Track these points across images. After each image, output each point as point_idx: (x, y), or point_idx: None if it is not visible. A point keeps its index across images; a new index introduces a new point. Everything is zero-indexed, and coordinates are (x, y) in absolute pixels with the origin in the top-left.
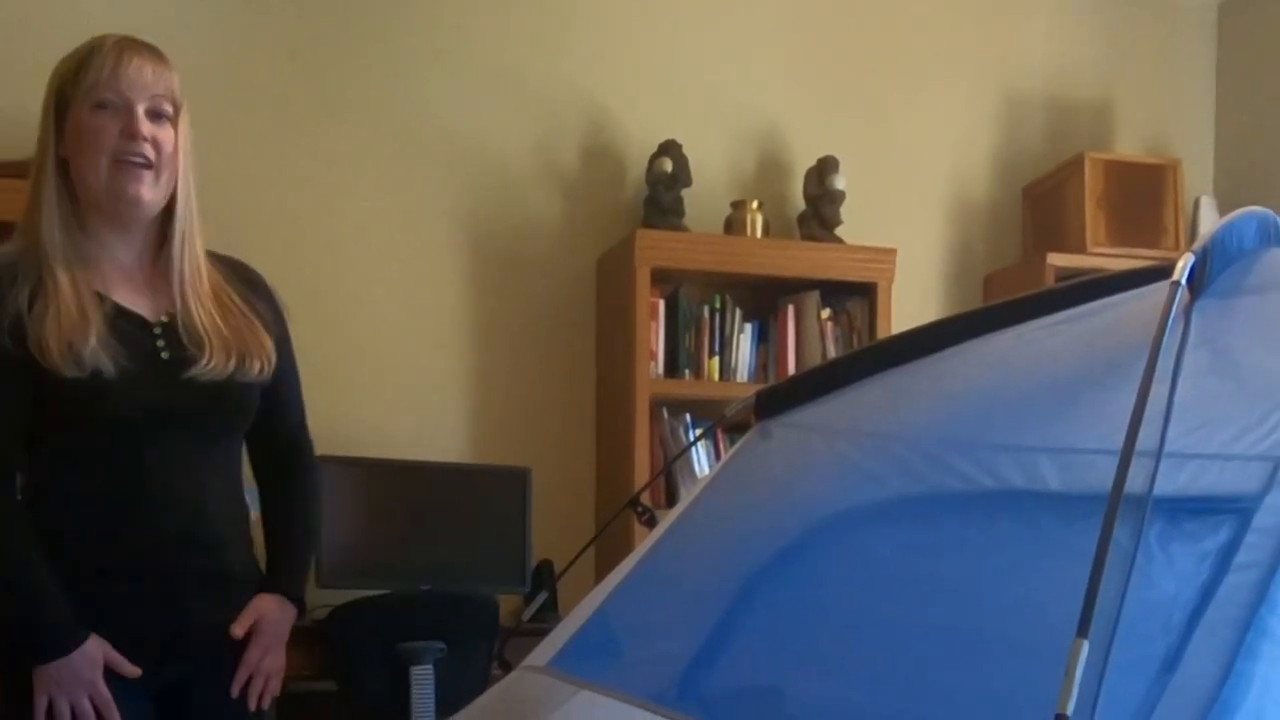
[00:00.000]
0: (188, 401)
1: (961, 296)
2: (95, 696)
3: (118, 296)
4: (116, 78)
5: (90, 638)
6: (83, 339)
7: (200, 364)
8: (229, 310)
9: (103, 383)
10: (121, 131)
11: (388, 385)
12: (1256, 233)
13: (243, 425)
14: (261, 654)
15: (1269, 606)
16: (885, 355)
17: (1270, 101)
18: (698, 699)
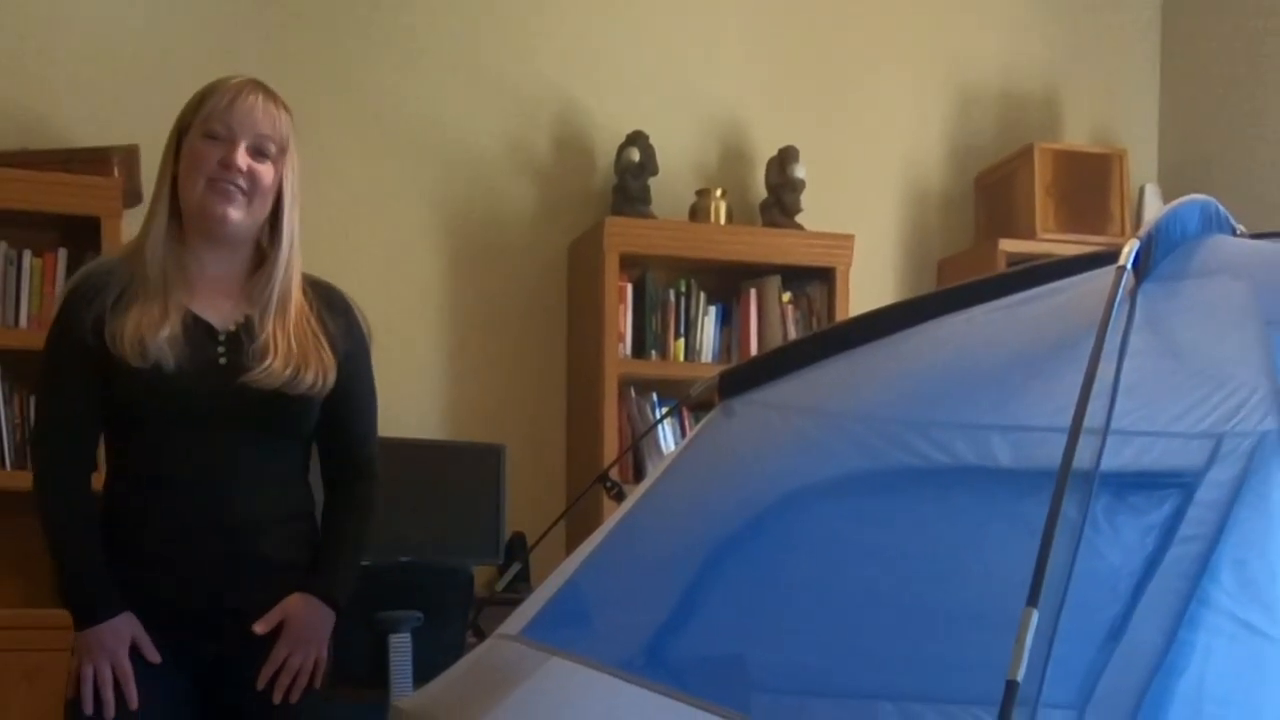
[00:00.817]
0: (238, 403)
1: (916, 281)
2: (117, 667)
3: (197, 306)
4: (229, 113)
5: (123, 614)
6: (153, 335)
7: (257, 370)
8: (301, 327)
9: (161, 375)
10: (221, 160)
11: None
12: (1199, 219)
13: (295, 430)
14: (288, 650)
15: (1211, 577)
16: (843, 337)
17: (1212, 93)
18: (664, 666)
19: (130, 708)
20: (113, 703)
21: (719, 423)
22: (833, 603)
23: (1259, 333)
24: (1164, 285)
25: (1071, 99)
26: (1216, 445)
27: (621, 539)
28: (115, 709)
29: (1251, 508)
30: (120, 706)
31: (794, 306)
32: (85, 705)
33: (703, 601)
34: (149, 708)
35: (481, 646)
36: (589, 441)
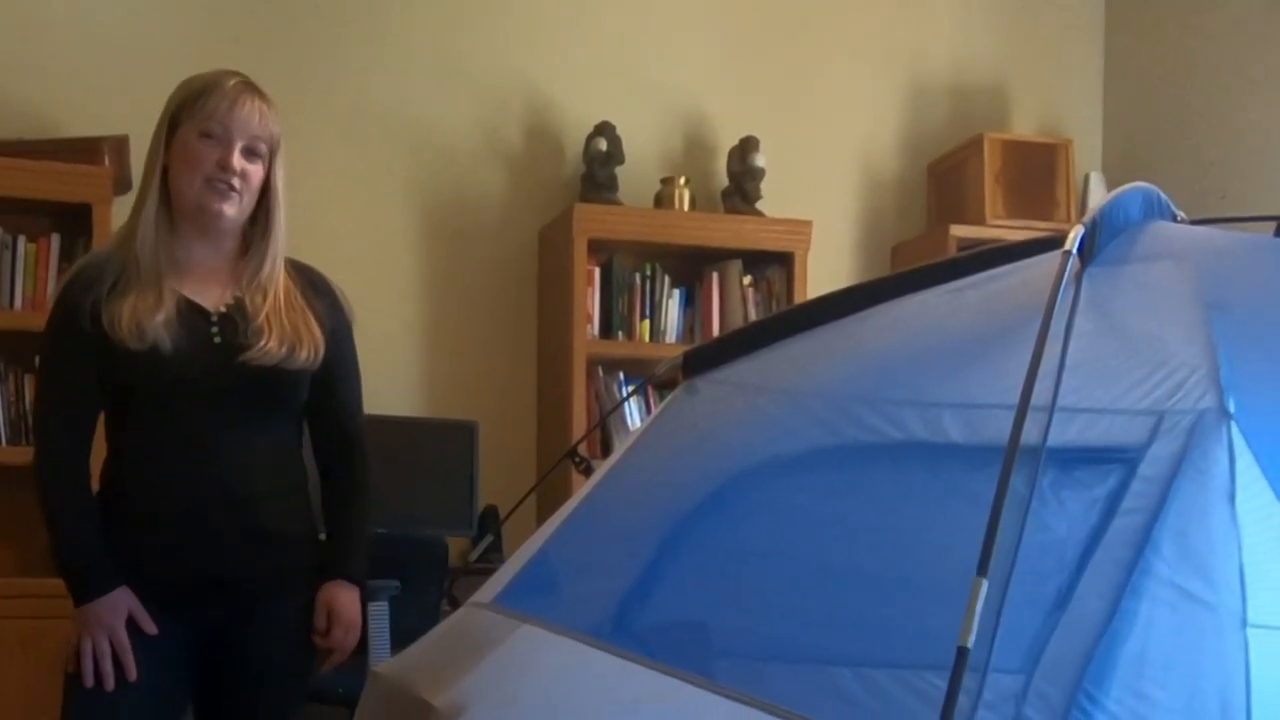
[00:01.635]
0: (235, 380)
1: (871, 265)
2: (114, 640)
3: (189, 291)
4: (228, 116)
5: (119, 589)
6: (149, 318)
7: (255, 348)
8: (291, 306)
9: (159, 356)
10: (218, 161)
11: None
12: (1141, 206)
13: (289, 405)
14: (344, 634)
15: (1153, 548)
16: (801, 319)
17: (1154, 85)
18: (630, 632)
19: (129, 678)
20: (112, 675)
21: (683, 400)
22: (791, 572)
23: (1199, 315)
24: (1108, 269)
25: (1019, 91)
26: (1158, 422)
27: (589, 511)
28: (114, 680)
29: (1191, 481)
30: (119, 677)
31: (754, 289)
32: (85, 678)
33: (667, 571)
34: (148, 678)
35: (456, 614)
36: (558, 418)
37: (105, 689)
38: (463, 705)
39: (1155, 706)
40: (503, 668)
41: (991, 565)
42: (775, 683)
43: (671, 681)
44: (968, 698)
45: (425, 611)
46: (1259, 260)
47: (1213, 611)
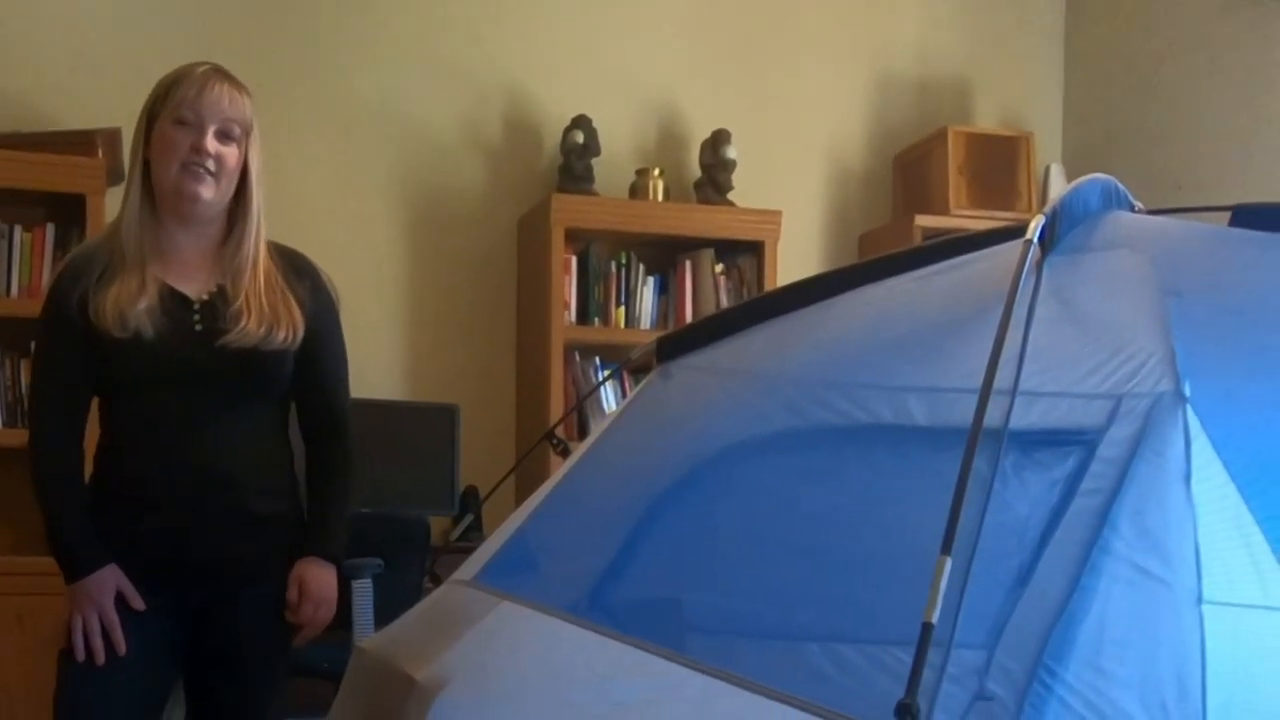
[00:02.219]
0: (216, 365)
1: (839, 254)
2: (104, 616)
3: (172, 279)
4: (198, 101)
5: (107, 566)
6: (131, 307)
7: (234, 331)
8: (271, 288)
9: (142, 343)
10: (192, 145)
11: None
12: (1100, 197)
13: (270, 386)
14: (314, 609)
15: (1111, 527)
16: (772, 306)
17: (1112, 79)
18: (606, 609)
19: (118, 653)
20: (102, 650)
21: (657, 385)
22: (762, 551)
23: (1156, 301)
24: (1068, 258)
25: (982, 85)
26: (1116, 405)
27: (567, 492)
28: (105, 655)
29: (1148, 463)
30: (110, 652)
31: (726, 277)
32: (77, 653)
33: (641, 550)
34: (137, 653)
35: (437, 591)
36: (537, 402)
37: (96, 663)
38: (444, 679)
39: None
40: (483, 643)
41: (955, 544)
42: (746, 657)
43: (645, 656)
44: (932, 672)
45: (408, 589)
46: (1213, 249)
47: (1169, 589)
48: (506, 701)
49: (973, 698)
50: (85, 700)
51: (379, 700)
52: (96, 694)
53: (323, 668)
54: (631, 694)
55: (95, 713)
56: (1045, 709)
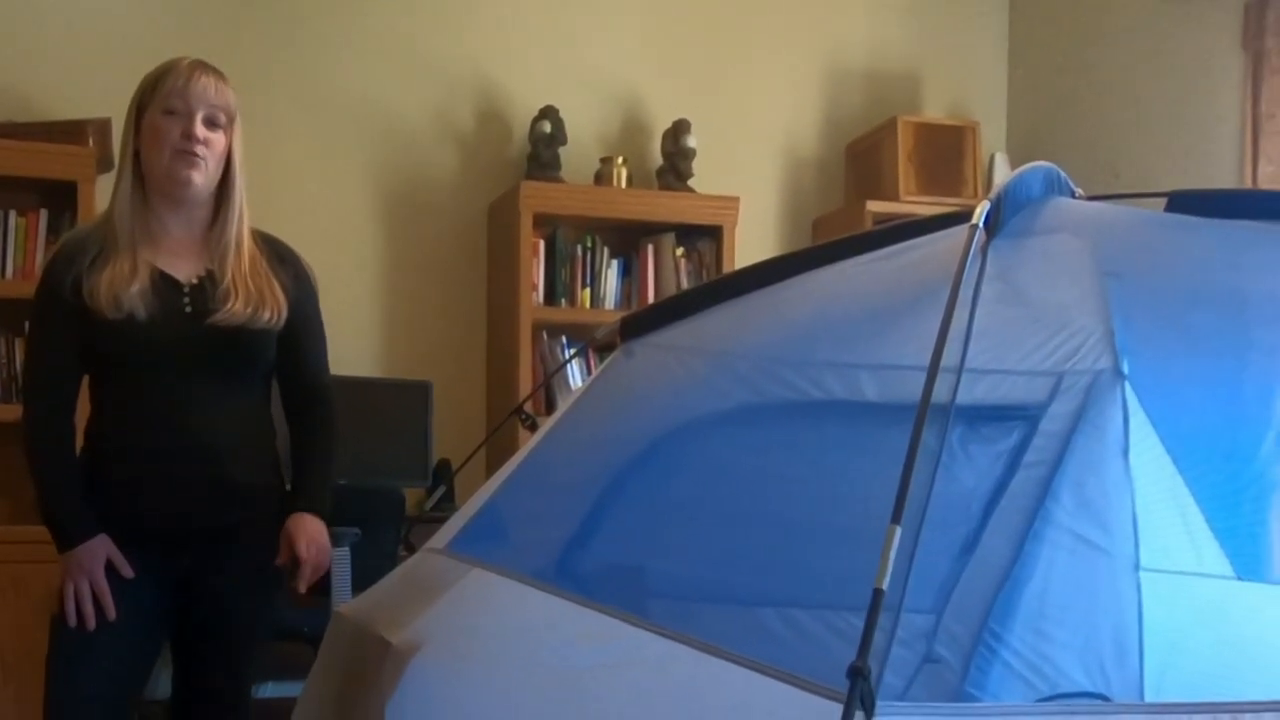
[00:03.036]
0: (204, 344)
1: (794, 238)
2: (94, 584)
3: (163, 263)
4: (185, 91)
5: (98, 536)
6: (125, 289)
7: (222, 311)
8: (256, 272)
9: (134, 324)
10: (182, 133)
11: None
12: (1042, 184)
13: (255, 364)
14: (315, 558)
15: (1052, 498)
16: (730, 287)
17: (1054, 72)
18: (572, 576)
19: (108, 618)
20: (93, 615)
21: (620, 362)
22: (720, 520)
23: (1095, 283)
24: (1012, 241)
25: (930, 77)
26: (1058, 382)
27: (534, 465)
28: (95, 621)
29: (1088, 437)
30: (100, 617)
31: (686, 260)
32: (69, 619)
33: (605, 519)
34: (127, 619)
35: (412, 559)
36: (506, 378)
37: (87, 629)
38: (419, 642)
39: (1055, 643)
40: (455, 608)
41: (904, 513)
42: (705, 622)
43: (609, 621)
44: (883, 635)
45: (384, 557)
46: (1150, 233)
47: (1108, 556)
48: (477, 663)
49: (921, 660)
50: (77, 664)
51: (356, 663)
52: (88, 658)
53: (302, 632)
54: (595, 657)
55: (86, 676)
56: (990, 671)
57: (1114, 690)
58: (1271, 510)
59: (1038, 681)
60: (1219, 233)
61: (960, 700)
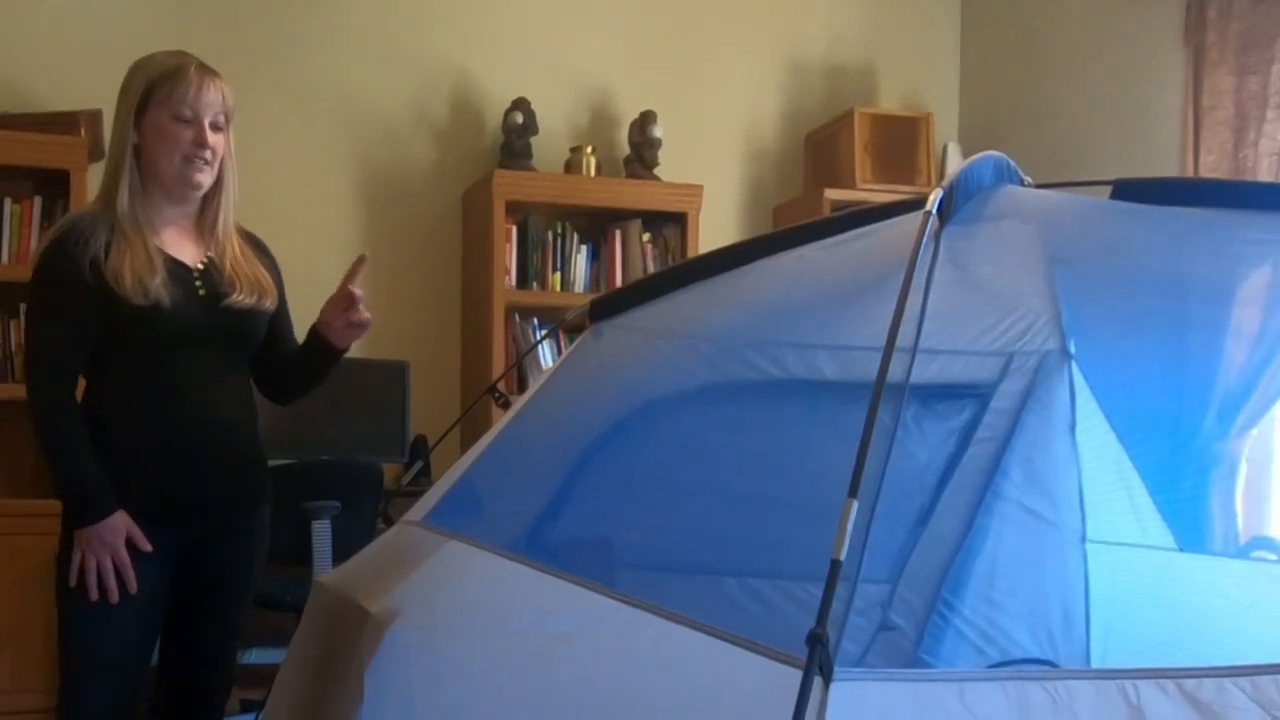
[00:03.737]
0: (219, 325)
1: (755, 224)
2: (116, 557)
3: (168, 249)
4: (197, 100)
5: (118, 512)
6: (151, 277)
7: (233, 296)
8: (249, 259)
9: (162, 311)
10: (194, 140)
11: (293, 297)
12: (993, 173)
13: (254, 345)
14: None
15: (1002, 473)
16: (694, 272)
17: (1004, 65)
18: (543, 547)
19: (130, 592)
20: (116, 589)
21: (589, 343)
22: (684, 494)
23: (1044, 267)
24: (963, 227)
25: (886, 70)
26: (1007, 362)
27: (507, 441)
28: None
29: (1036, 415)
30: (120, 591)
31: (652, 245)
32: (91, 593)
33: (575, 493)
34: (142, 590)
35: (390, 531)
36: (480, 358)
37: (110, 602)
38: (396, 610)
39: (1004, 612)
40: (431, 578)
41: (861, 488)
42: (670, 591)
43: (579, 590)
44: (840, 604)
45: (363, 529)
46: (1096, 220)
47: (1055, 529)
48: (453, 631)
49: (877, 628)
50: (96, 635)
51: (337, 631)
52: (107, 628)
53: (285, 601)
54: (566, 624)
55: (106, 646)
56: (943, 638)
57: (1061, 656)
58: (1212, 485)
59: (988, 648)
60: (1162, 219)
61: (914, 666)
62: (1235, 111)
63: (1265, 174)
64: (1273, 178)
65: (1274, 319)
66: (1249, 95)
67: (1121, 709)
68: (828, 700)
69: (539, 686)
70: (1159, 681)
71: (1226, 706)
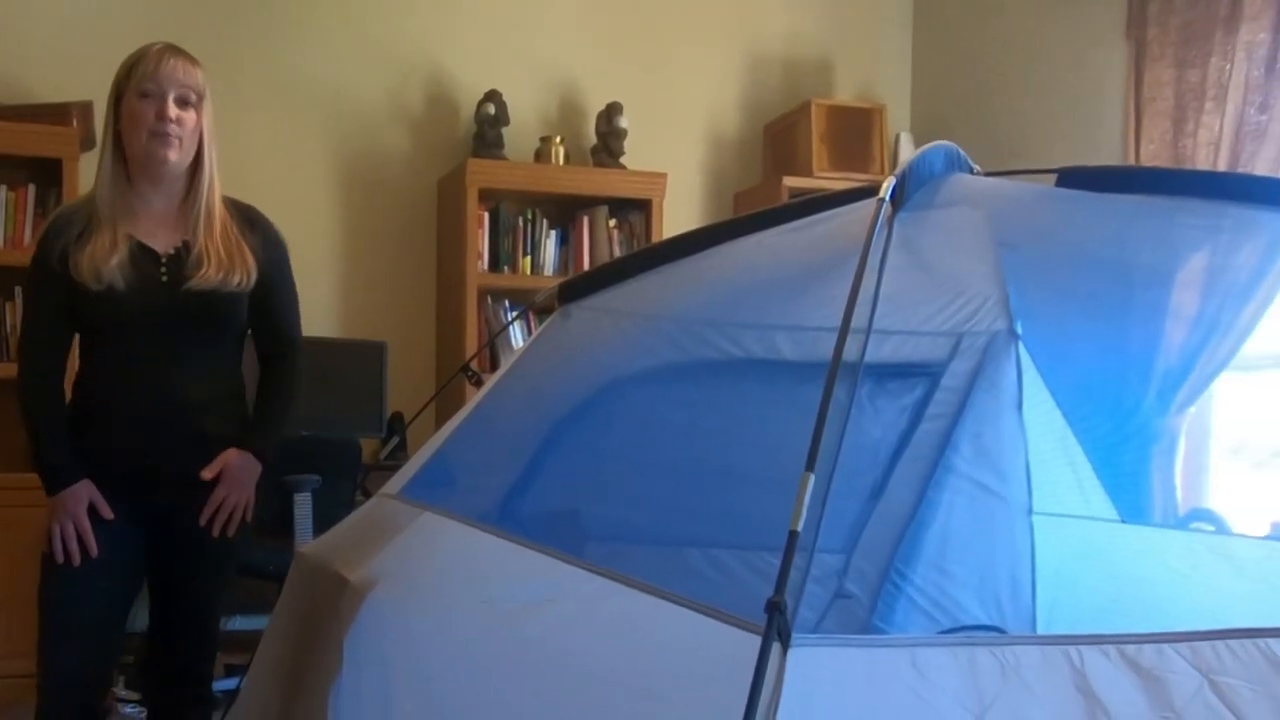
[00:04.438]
0: (179, 309)
1: (716, 210)
2: (77, 524)
3: (142, 236)
4: (157, 74)
5: (81, 481)
6: (105, 263)
7: (195, 277)
8: (228, 238)
9: (115, 294)
10: (157, 114)
11: None
12: (943, 161)
13: (227, 325)
14: (225, 493)
15: (952, 448)
16: (658, 255)
17: (955, 59)
18: (515, 519)
19: (90, 555)
20: (77, 553)
21: (558, 324)
22: (649, 468)
23: (992, 252)
24: (915, 214)
25: (841, 63)
26: (957, 342)
27: (480, 417)
28: (80, 557)
29: (985, 392)
30: (85, 554)
31: (618, 231)
32: (57, 556)
33: (544, 467)
34: (110, 556)
35: (368, 503)
36: (454, 339)
37: (72, 565)
38: (374, 579)
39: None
40: (407, 548)
41: (818, 462)
42: (636, 561)
43: (548, 560)
44: (798, 574)
45: (342, 502)
46: (1041, 206)
47: (1003, 501)
48: (428, 598)
49: (833, 596)
50: (66, 597)
51: (317, 598)
52: (75, 591)
53: (268, 570)
54: (536, 592)
55: (75, 607)
56: (896, 605)
57: (1008, 623)
58: (1152, 459)
59: (939, 615)
60: (1105, 206)
61: (868, 633)
62: (1175, 103)
63: (1203, 162)
64: (1210, 166)
65: (1211, 301)
66: (1188, 87)
67: (1066, 673)
68: (786, 665)
69: (510, 651)
70: (1102, 647)
71: (1166, 671)
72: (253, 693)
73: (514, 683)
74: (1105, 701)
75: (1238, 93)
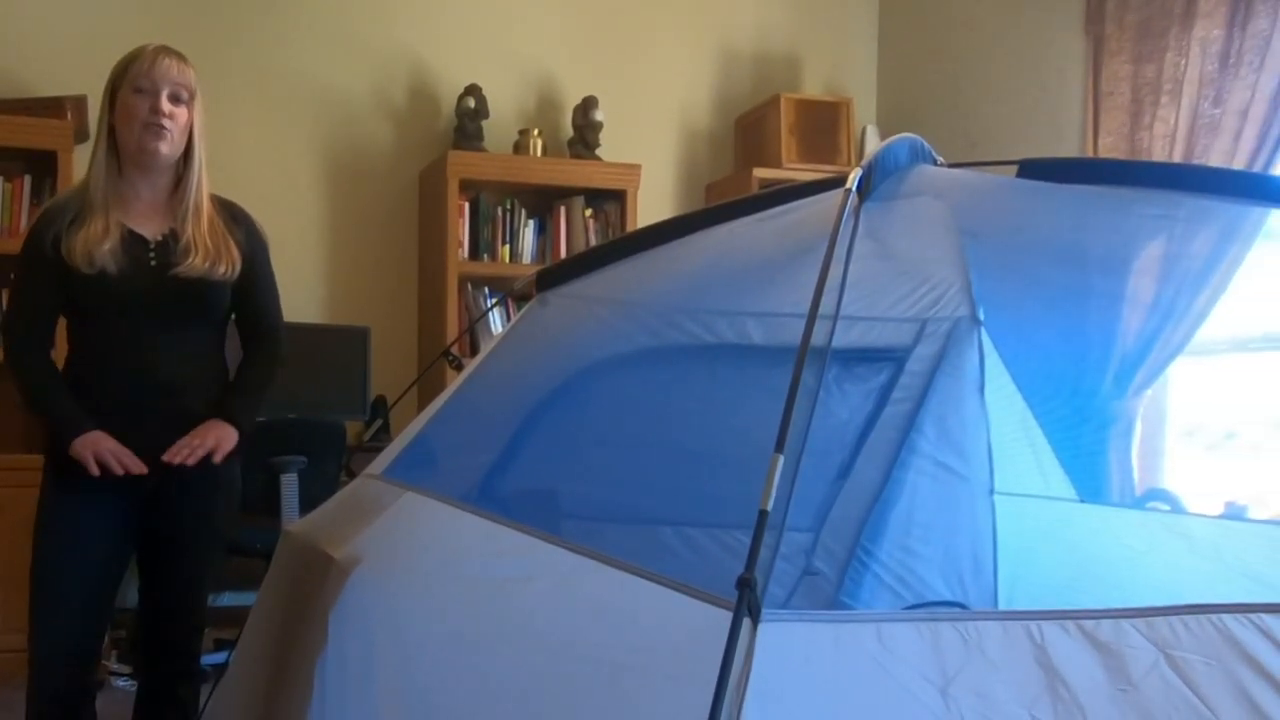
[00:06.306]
0: (166, 294)
1: (689, 200)
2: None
3: (132, 223)
4: (152, 71)
5: (96, 430)
6: (98, 247)
7: (183, 264)
8: (214, 230)
9: (108, 278)
10: (150, 108)
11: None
12: (908, 153)
13: (212, 312)
14: (192, 437)
15: (917, 430)
16: (633, 244)
17: (919, 54)
18: (494, 498)
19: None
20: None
21: (536, 310)
22: (624, 449)
23: (955, 240)
24: (881, 204)
25: (809, 58)
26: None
27: (461, 401)
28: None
29: (949, 376)
30: (75, 528)
31: (594, 220)
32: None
33: (523, 449)
34: (98, 529)
35: (352, 484)
36: (435, 324)
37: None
38: (358, 557)
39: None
40: (390, 527)
41: (787, 443)
42: (610, 539)
43: (526, 538)
44: (768, 551)
45: (327, 482)
46: (1003, 197)
47: (966, 482)
48: (411, 575)
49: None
50: (54, 571)
51: (303, 576)
52: (64, 566)
53: (255, 548)
54: (515, 569)
55: (63, 582)
56: (862, 582)
57: (971, 599)
58: (1110, 441)
59: (904, 592)
60: (1064, 196)
61: (836, 608)
62: (1132, 97)
63: (1159, 154)
64: (1166, 158)
65: (1167, 288)
66: (1144, 81)
67: (1027, 647)
68: (756, 639)
69: (490, 626)
70: (1061, 622)
71: (1123, 645)
72: (241, 666)
73: (493, 656)
74: (1064, 674)
75: (1192, 87)
